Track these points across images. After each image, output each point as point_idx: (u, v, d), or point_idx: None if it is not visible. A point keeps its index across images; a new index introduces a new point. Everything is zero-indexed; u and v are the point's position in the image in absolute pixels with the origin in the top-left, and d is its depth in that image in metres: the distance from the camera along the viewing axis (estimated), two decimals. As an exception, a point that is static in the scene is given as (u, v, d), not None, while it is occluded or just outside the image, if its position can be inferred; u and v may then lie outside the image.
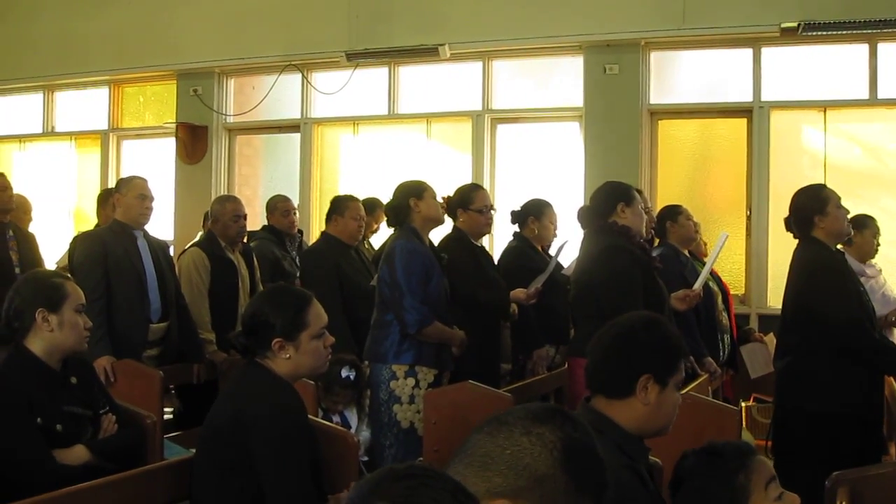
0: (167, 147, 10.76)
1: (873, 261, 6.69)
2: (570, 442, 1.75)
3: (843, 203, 5.12)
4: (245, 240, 6.98)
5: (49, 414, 3.63)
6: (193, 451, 3.73)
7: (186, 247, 7.01)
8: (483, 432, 1.77)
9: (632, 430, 2.81)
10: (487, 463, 1.72)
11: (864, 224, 6.50)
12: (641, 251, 5.11)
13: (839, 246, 5.24)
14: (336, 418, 5.53)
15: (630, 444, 2.79)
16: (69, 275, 4.87)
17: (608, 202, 5.14)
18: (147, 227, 6.21)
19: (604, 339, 2.92)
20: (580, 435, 1.78)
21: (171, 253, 6.74)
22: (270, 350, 3.37)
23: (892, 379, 5.70)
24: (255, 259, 6.93)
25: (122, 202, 6.10)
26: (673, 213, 6.66)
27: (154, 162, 10.79)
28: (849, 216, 5.17)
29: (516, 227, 6.54)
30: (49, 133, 11.72)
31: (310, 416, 3.68)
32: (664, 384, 2.83)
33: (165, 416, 6.03)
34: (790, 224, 5.15)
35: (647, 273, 4.99)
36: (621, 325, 2.94)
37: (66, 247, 7.20)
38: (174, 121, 10.57)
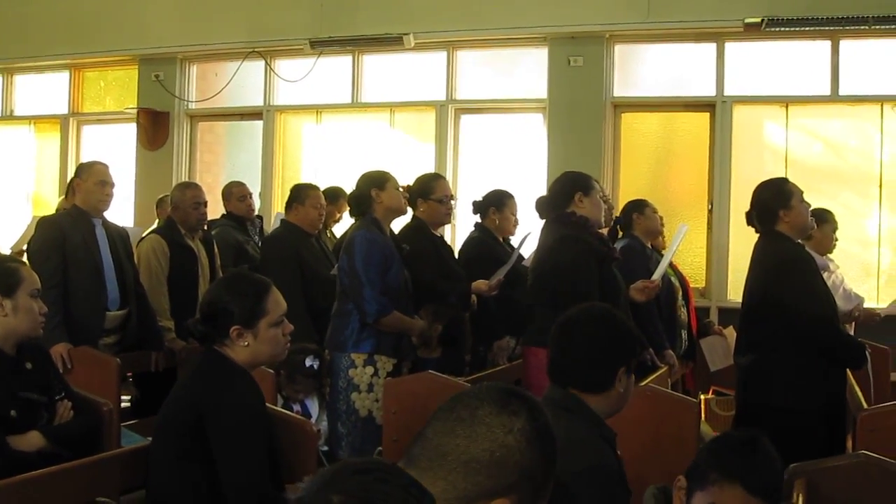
0: (128, 133, 10.66)
1: (830, 255, 6.73)
2: (540, 426, 1.78)
3: (805, 198, 5.15)
4: (205, 227, 6.92)
5: (3, 399, 3.60)
6: (151, 438, 3.69)
7: (145, 233, 6.92)
8: (457, 435, 1.75)
9: (601, 414, 2.96)
10: (477, 469, 1.71)
11: (824, 218, 6.53)
12: (598, 241, 5.11)
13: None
14: (297, 407, 5.51)
15: (602, 428, 2.93)
16: (25, 260, 4.83)
17: (566, 192, 5.14)
18: (107, 214, 6.15)
19: (575, 339, 3.00)
20: (541, 415, 1.81)
21: (131, 240, 6.66)
22: (228, 338, 3.34)
23: (849, 372, 5.75)
24: (215, 247, 6.88)
25: (81, 188, 6.03)
26: (639, 205, 6.72)
27: (114, 148, 10.68)
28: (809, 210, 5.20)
29: (478, 218, 6.53)
30: (7, 117, 11.57)
31: (268, 405, 3.66)
32: (630, 372, 3.02)
33: (123, 405, 5.98)
34: (752, 218, 5.14)
35: (603, 263, 4.99)
36: (586, 322, 3.03)
37: (24, 231, 7.12)
38: (135, 106, 10.48)
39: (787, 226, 4.99)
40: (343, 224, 7.91)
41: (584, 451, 2.70)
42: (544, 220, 5.27)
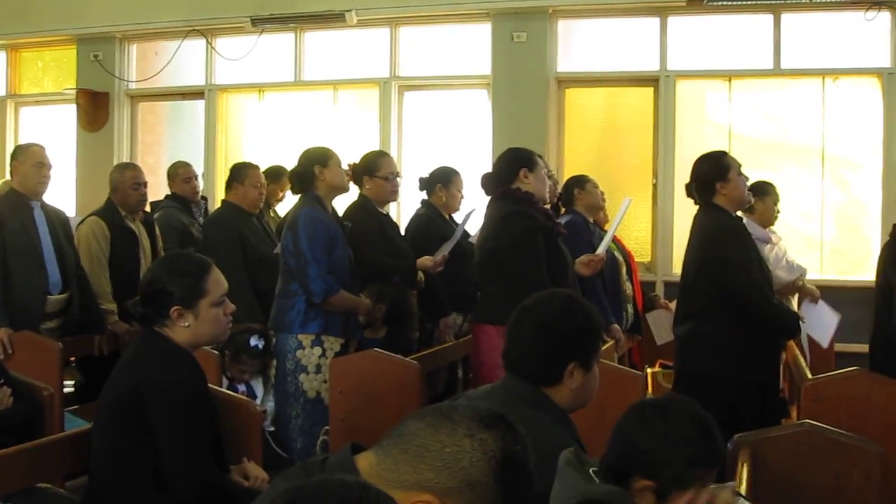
0: (67, 114, 10.49)
1: (773, 227, 6.78)
2: (509, 453, 1.74)
3: (748, 171, 5.23)
4: (147, 208, 6.84)
5: (-60, 387, 3.54)
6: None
7: (85, 216, 6.83)
8: (425, 422, 1.74)
9: (563, 407, 2.90)
10: (423, 455, 1.70)
11: (765, 191, 6.57)
12: (545, 217, 5.11)
13: (740, 213, 5.31)
14: (241, 388, 5.47)
15: (564, 421, 2.88)
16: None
17: (511, 168, 5.13)
18: (48, 198, 6.08)
19: (525, 328, 2.93)
20: (520, 448, 1.77)
21: (72, 223, 6.57)
22: (169, 318, 3.30)
23: (792, 343, 5.81)
24: (157, 228, 6.81)
25: (18, 170, 5.97)
26: (581, 181, 6.75)
27: (54, 129, 10.53)
28: (749, 183, 5.25)
29: (424, 195, 6.51)
30: (-58, 99, 11.35)
31: (211, 386, 3.62)
32: (588, 367, 2.92)
33: (66, 389, 5.93)
34: (691, 190, 5.23)
35: (550, 239, 4.99)
36: (540, 312, 2.94)
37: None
38: (74, 87, 10.31)
39: (725, 198, 5.08)
40: (286, 203, 7.86)
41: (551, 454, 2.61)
42: (490, 197, 5.26)
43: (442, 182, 6.50)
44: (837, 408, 4.06)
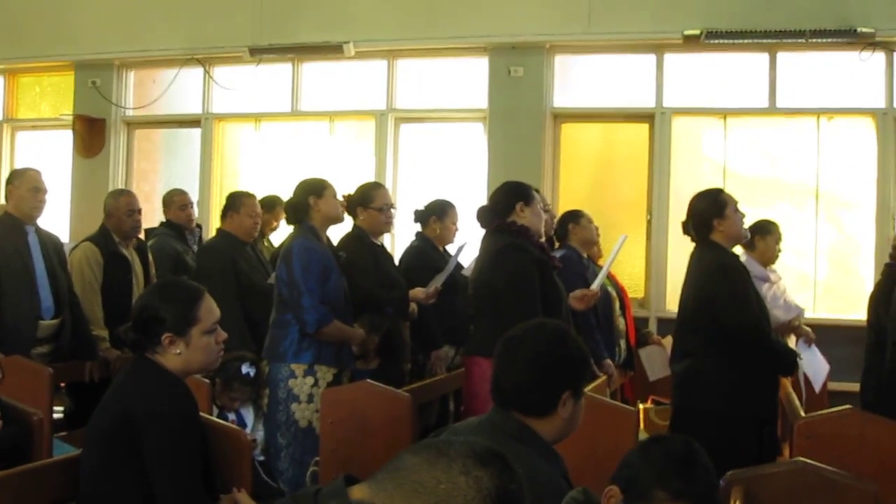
0: (64, 140, 10.49)
1: (773, 266, 6.78)
2: (504, 492, 1.70)
3: (742, 209, 5.21)
4: (141, 235, 6.84)
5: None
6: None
7: (79, 242, 6.82)
8: (421, 457, 1.72)
9: (548, 440, 2.85)
10: (418, 490, 1.67)
11: (768, 230, 6.58)
12: (540, 251, 5.11)
13: (740, 250, 5.32)
14: (232, 416, 5.45)
15: (550, 455, 2.83)
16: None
17: (507, 202, 5.15)
18: (43, 223, 6.08)
19: (518, 359, 2.87)
20: (515, 487, 1.73)
21: (65, 248, 6.56)
22: (160, 345, 3.27)
23: (785, 381, 5.80)
24: (150, 255, 6.80)
25: (14, 195, 6.00)
26: (575, 216, 6.76)
27: (50, 155, 10.53)
28: (745, 220, 5.25)
29: (419, 227, 6.52)
30: (-61, 123, 11.35)
31: (202, 414, 3.59)
32: (579, 397, 2.88)
33: (56, 415, 5.90)
34: (688, 227, 5.23)
35: (545, 273, 5.00)
36: (533, 342, 2.89)
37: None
38: (71, 113, 10.32)
39: (722, 235, 5.08)
40: (280, 232, 7.88)
41: (543, 492, 2.62)
42: (485, 230, 5.26)
43: (437, 214, 6.51)
44: (831, 446, 4.04)
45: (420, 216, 6.54)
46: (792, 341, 6.63)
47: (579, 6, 8.86)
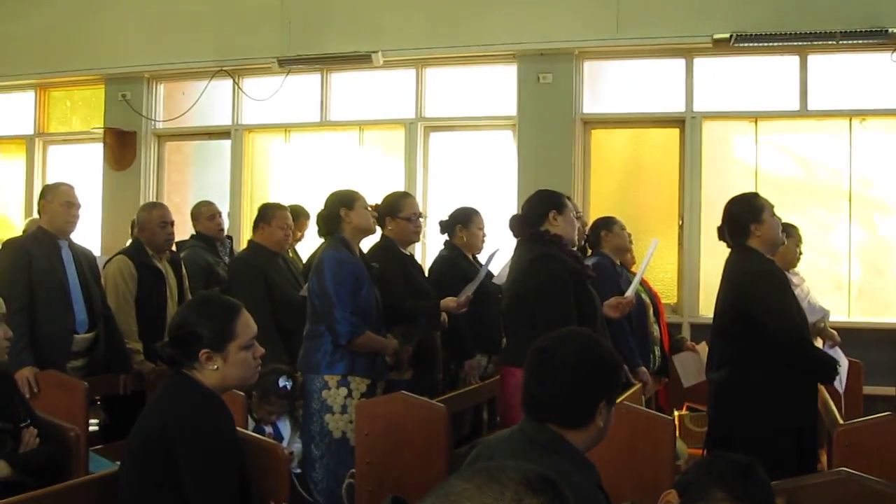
0: (95, 153, 10.55)
1: (795, 269, 6.73)
2: None
3: (775, 212, 5.15)
4: (173, 248, 6.86)
5: (-33, 428, 3.53)
6: (119, 464, 3.62)
7: (112, 255, 6.84)
8: (472, 483, 1.65)
9: (581, 449, 2.82)
10: None
11: (788, 233, 6.52)
12: (573, 259, 5.09)
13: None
14: (269, 429, 5.47)
15: (585, 465, 2.80)
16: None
17: (540, 210, 5.13)
18: (74, 236, 6.10)
19: (550, 371, 2.82)
20: None
21: (98, 262, 6.59)
22: (198, 361, 3.27)
23: (822, 388, 5.74)
24: (183, 267, 6.81)
25: (47, 209, 6.01)
26: (608, 222, 6.69)
27: (81, 168, 10.58)
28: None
29: (446, 237, 6.51)
30: (-28, 138, 11.43)
31: (239, 429, 3.59)
32: (612, 404, 2.87)
33: (91, 429, 5.91)
34: (724, 233, 5.15)
35: (579, 281, 4.97)
36: (567, 352, 2.84)
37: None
38: (102, 126, 10.38)
39: (759, 240, 5.00)
40: (304, 243, 7.90)
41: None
42: (518, 239, 5.25)
43: (462, 223, 6.50)
44: (870, 453, 4.00)
45: (445, 226, 6.53)
46: (819, 343, 6.58)
47: (608, 12, 8.83)
